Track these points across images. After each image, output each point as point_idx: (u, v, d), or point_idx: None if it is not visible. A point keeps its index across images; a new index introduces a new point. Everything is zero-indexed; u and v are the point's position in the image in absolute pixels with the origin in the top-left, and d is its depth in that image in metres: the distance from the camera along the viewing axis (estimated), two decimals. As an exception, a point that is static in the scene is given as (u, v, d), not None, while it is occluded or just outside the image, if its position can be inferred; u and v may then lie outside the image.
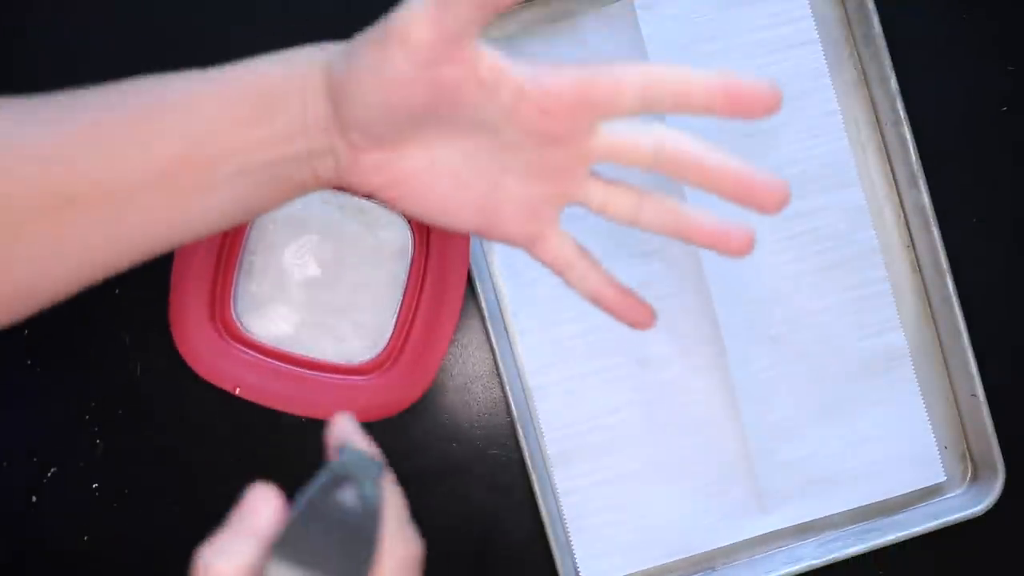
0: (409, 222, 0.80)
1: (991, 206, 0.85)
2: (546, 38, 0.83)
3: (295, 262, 0.80)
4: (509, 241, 0.57)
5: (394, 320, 0.80)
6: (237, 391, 0.78)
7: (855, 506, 0.82)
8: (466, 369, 0.83)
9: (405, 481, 0.81)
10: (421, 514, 0.81)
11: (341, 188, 0.61)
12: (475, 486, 0.82)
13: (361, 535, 0.47)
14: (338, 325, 0.80)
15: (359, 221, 0.79)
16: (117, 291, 0.81)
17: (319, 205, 0.79)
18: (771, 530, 0.82)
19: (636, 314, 0.62)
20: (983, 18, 0.86)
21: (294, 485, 0.81)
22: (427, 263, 0.79)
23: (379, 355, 0.80)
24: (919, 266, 0.84)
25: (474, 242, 0.81)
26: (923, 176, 0.81)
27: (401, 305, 0.80)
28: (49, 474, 0.80)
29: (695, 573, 0.82)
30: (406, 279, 0.80)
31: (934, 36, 0.86)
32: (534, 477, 0.79)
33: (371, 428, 0.81)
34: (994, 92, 0.86)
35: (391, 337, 0.80)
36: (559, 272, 0.59)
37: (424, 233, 0.79)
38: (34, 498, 0.80)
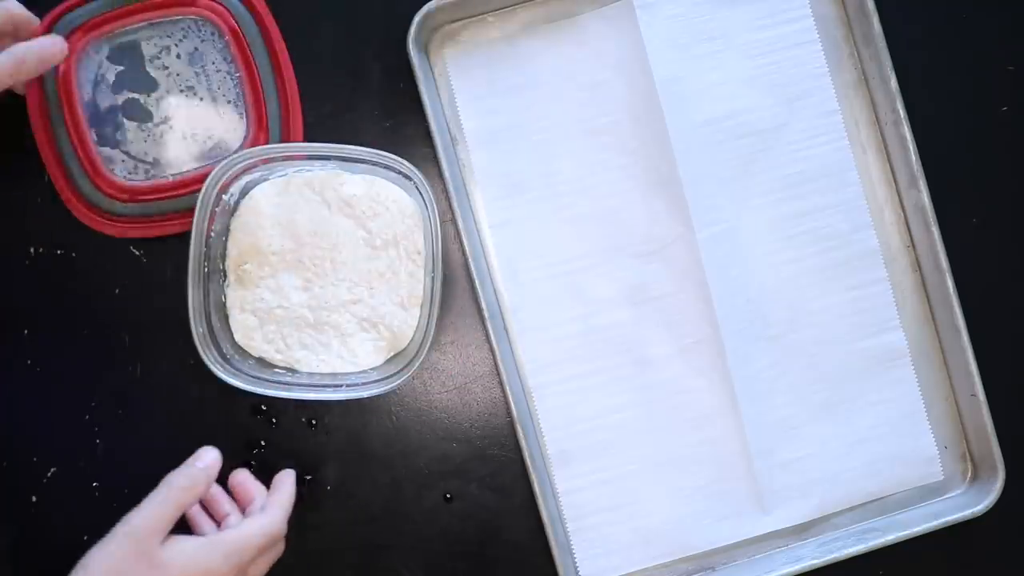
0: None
1: (991, 206, 0.85)
2: (546, 37, 0.83)
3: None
4: None
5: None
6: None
7: (855, 505, 0.83)
8: (466, 369, 0.83)
9: (404, 481, 0.82)
10: (421, 514, 0.82)
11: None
12: (475, 486, 0.82)
13: None
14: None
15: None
16: (117, 291, 0.81)
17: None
18: (771, 530, 0.82)
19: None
20: (983, 18, 0.86)
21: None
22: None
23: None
24: (919, 266, 0.84)
25: (475, 242, 0.81)
26: (923, 176, 0.81)
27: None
28: (49, 474, 0.80)
29: (695, 573, 0.82)
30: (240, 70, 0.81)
31: (934, 36, 0.86)
32: (534, 477, 0.79)
33: (369, 429, 0.82)
34: (994, 92, 0.86)
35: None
36: None
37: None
38: (34, 498, 0.80)
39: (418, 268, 0.79)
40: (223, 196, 0.77)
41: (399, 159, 0.76)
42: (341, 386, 0.78)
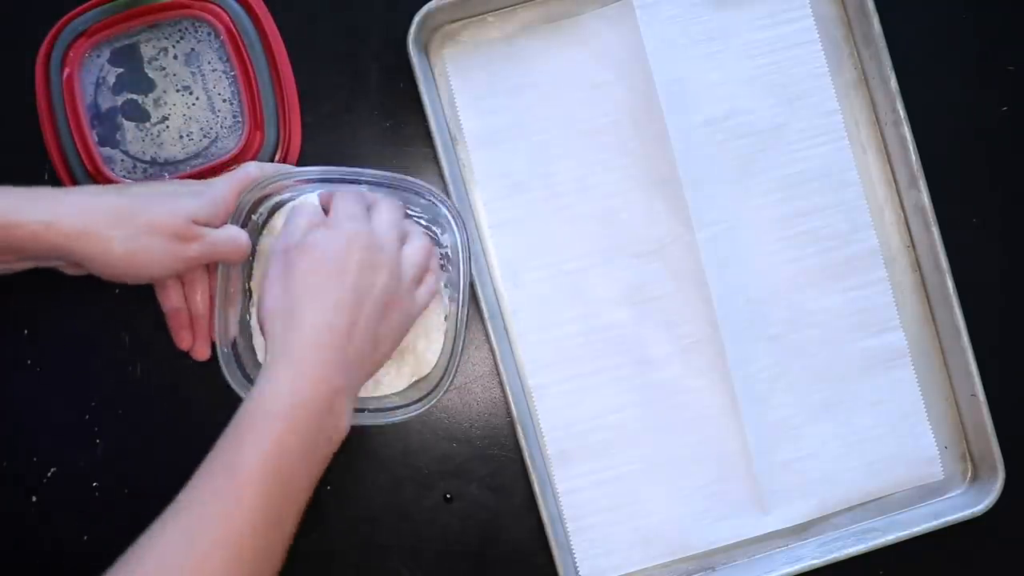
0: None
1: (991, 206, 0.85)
2: (546, 38, 0.83)
3: None
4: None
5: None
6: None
7: (854, 505, 0.82)
8: (466, 369, 0.83)
9: (405, 481, 0.82)
10: (421, 514, 0.82)
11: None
12: (475, 486, 0.82)
13: None
14: None
15: None
16: (117, 291, 0.81)
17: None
18: (771, 530, 0.82)
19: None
20: (983, 18, 0.86)
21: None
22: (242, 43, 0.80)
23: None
24: (919, 266, 0.84)
25: (475, 242, 0.81)
26: (923, 176, 0.81)
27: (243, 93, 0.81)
28: (49, 474, 0.80)
29: (695, 573, 0.82)
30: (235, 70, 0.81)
31: (934, 36, 0.86)
32: (534, 477, 0.79)
33: (369, 428, 0.82)
34: (994, 92, 0.86)
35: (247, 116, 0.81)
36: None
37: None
38: (34, 498, 0.80)
39: (443, 292, 0.79)
40: (252, 216, 0.76)
41: (428, 186, 0.75)
42: (364, 411, 0.76)
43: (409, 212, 0.78)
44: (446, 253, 0.78)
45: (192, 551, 0.59)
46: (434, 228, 0.78)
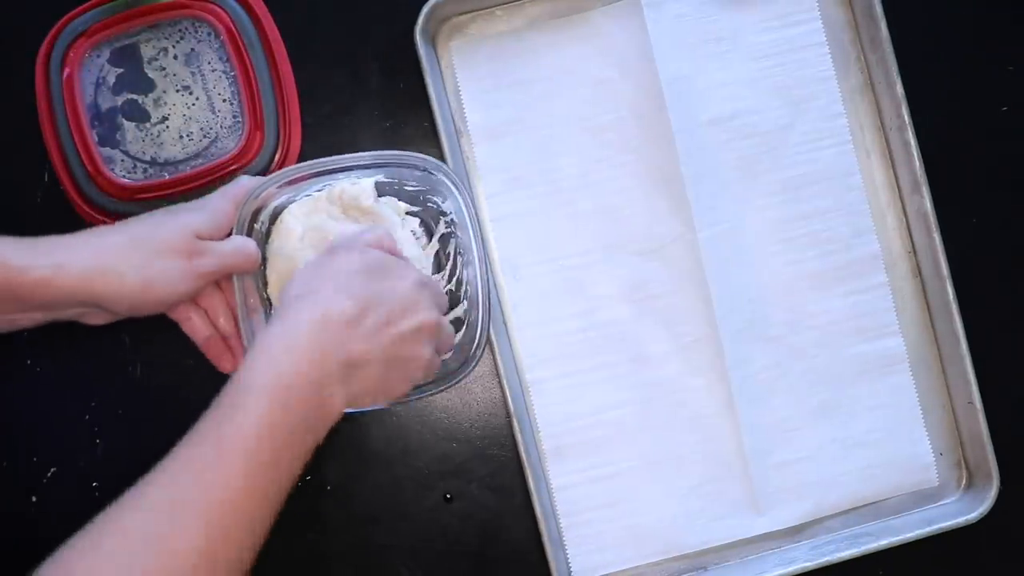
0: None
1: (991, 212, 0.85)
2: (553, 33, 0.82)
3: None
4: None
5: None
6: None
7: (849, 509, 0.83)
8: (467, 368, 0.83)
9: (404, 481, 0.82)
10: (421, 514, 0.82)
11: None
12: (475, 486, 0.82)
13: None
14: None
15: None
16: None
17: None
18: (764, 531, 0.82)
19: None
20: (986, 21, 0.86)
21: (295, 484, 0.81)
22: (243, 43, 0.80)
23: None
24: (920, 272, 0.84)
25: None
26: (926, 182, 0.80)
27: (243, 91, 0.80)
28: (49, 474, 0.80)
29: (686, 572, 0.82)
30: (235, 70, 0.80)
31: (941, 42, 0.85)
32: (529, 472, 0.79)
33: (369, 429, 0.82)
34: (994, 93, 0.86)
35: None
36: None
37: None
38: (34, 498, 0.80)
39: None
40: (255, 225, 0.76)
41: (422, 156, 0.76)
42: None
43: (407, 187, 0.78)
44: (452, 220, 0.78)
45: (174, 522, 0.59)
46: (435, 198, 0.78)
